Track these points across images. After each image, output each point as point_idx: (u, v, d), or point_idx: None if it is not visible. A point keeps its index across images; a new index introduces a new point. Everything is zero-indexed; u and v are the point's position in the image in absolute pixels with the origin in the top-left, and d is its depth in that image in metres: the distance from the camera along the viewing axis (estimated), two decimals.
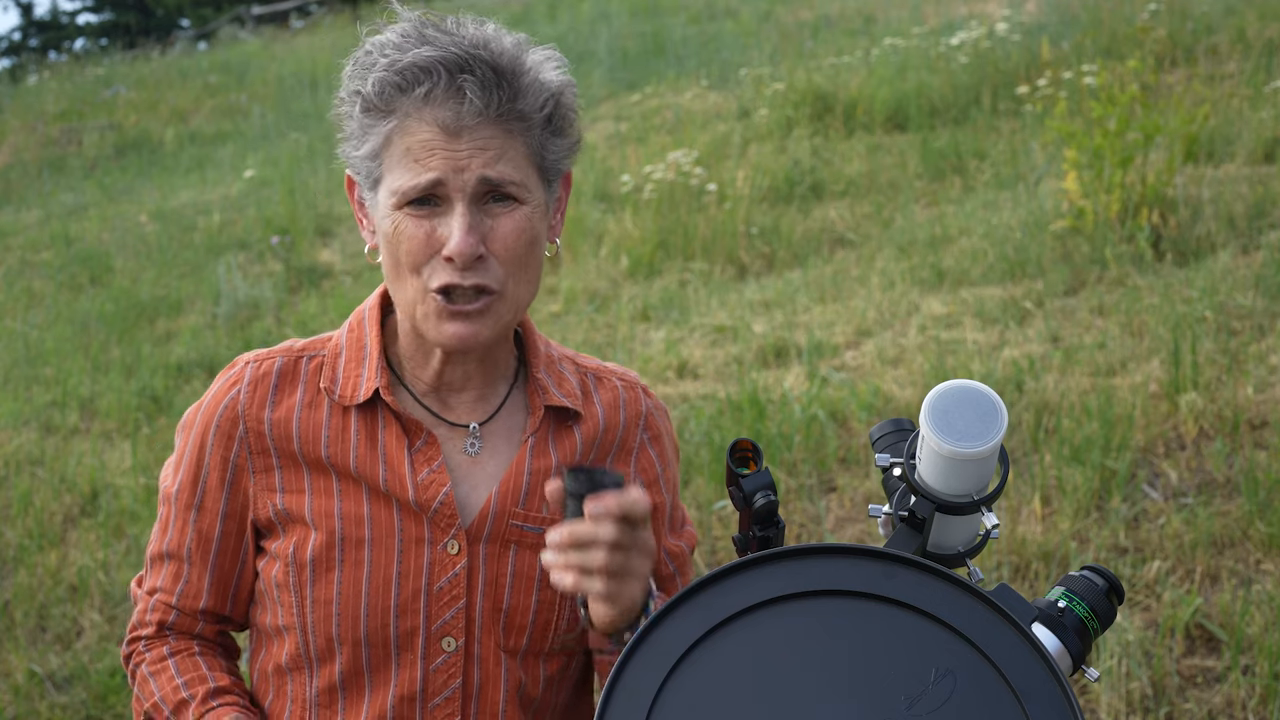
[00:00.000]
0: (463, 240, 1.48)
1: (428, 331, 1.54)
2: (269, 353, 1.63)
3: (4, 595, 4.49)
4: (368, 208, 1.58)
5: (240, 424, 1.59)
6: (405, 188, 1.49)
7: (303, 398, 1.60)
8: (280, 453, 1.58)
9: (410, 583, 1.56)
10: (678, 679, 1.20)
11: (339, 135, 1.58)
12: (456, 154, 1.48)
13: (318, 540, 1.56)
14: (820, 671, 1.20)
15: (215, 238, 9.09)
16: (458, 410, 1.63)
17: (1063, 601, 1.34)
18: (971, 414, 1.30)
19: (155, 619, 1.64)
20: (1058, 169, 6.76)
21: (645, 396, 1.73)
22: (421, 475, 1.57)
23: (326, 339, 1.65)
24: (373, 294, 1.68)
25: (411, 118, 1.49)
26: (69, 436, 5.90)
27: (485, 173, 1.49)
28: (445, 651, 1.57)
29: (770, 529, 1.45)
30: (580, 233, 7.55)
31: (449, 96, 1.48)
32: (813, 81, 9.20)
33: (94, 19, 27.70)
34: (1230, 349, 4.61)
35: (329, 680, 1.58)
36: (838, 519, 4.17)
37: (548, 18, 15.56)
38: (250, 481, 1.59)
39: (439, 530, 1.57)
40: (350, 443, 1.58)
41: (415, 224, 1.50)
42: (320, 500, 1.57)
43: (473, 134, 1.48)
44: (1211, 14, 9.02)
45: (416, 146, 1.48)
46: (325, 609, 1.55)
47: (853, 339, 5.53)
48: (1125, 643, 3.36)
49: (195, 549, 1.61)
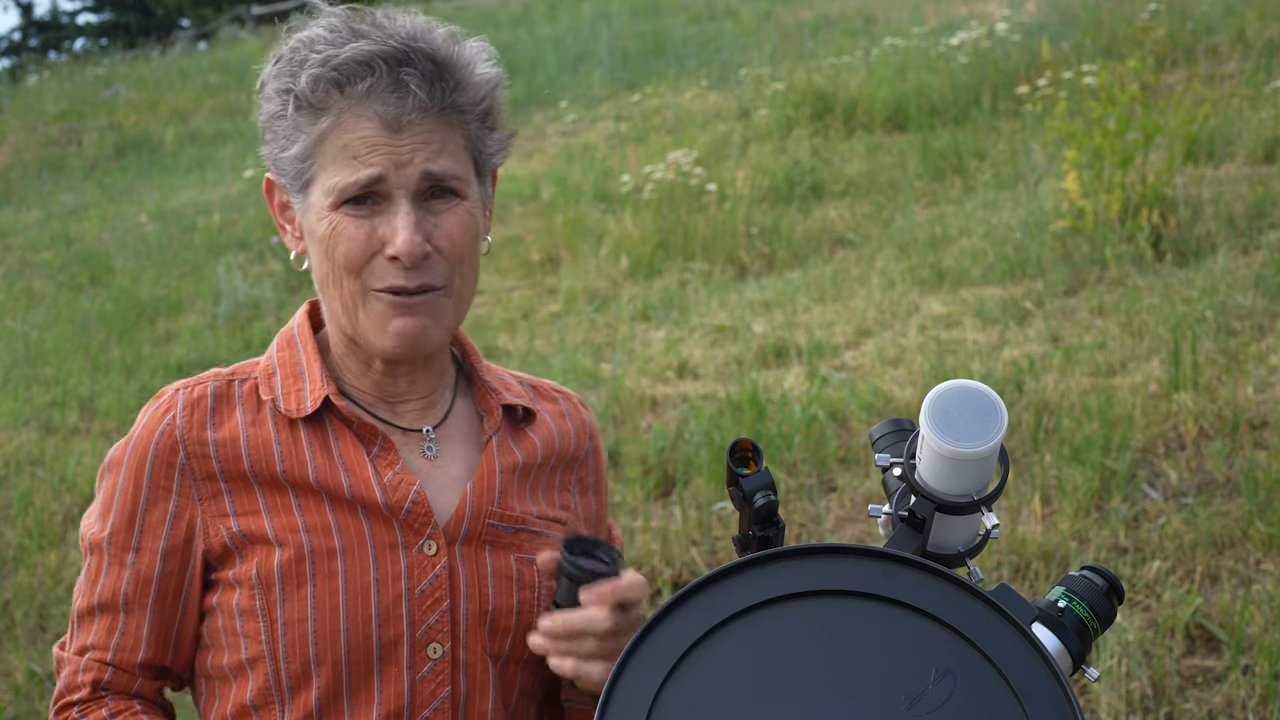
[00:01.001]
0: (409, 239, 1.43)
1: (370, 336, 1.48)
2: (198, 379, 1.54)
3: (4, 595, 4.49)
4: (294, 211, 1.51)
5: (180, 450, 1.48)
6: (344, 185, 1.43)
7: (244, 416, 1.51)
8: (227, 475, 1.49)
9: (389, 588, 1.48)
10: (678, 679, 1.20)
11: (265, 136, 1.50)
12: (398, 149, 1.43)
13: (284, 556, 1.46)
14: (820, 671, 1.20)
15: (215, 238, 9.09)
16: (407, 417, 1.57)
17: (1063, 601, 1.34)
18: (971, 414, 1.30)
19: (89, 679, 1.49)
20: (1058, 169, 6.76)
21: (583, 409, 1.71)
22: (387, 478, 1.51)
23: (254, 363, 1.57)
24: (296, 315, 1.61)
25: (349, 114, 1.43)
26: (69, 436, 5.90)
27: (428, 167, 1.44)
28: (432, 659, 1.49)
29: (770, 529, 1.45)
30: (580, 233, 7.55)
31: (390, 91, 1.42)
32: (813, 81, 9.20)
33: (94, 19, 27.72)
34: (1230, 349, 4.61)
35: (304, 711, 1.47)
36: (838, 519, 4.17)
37: (548, 18, 15.57)
38: (196, 510, 1.48)
39: (412, 533, 1.50)
40: (306, 455, 1.50)
41: (355, 224, 1.44)
42: (280, 517, 1.48)
43: (414, 128, 1.43)
44: (1211, 14, 9.03)
45: (355, 143, 1.43)
46: (300, 628, 1.45)
47: (853, 339, 5.53)
48: (1125, 643, 3.36)
49: (133, 595, 1.49)
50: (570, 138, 10.47)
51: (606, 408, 5.08)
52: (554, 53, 13.14)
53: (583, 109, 11.32)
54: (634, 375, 5.37)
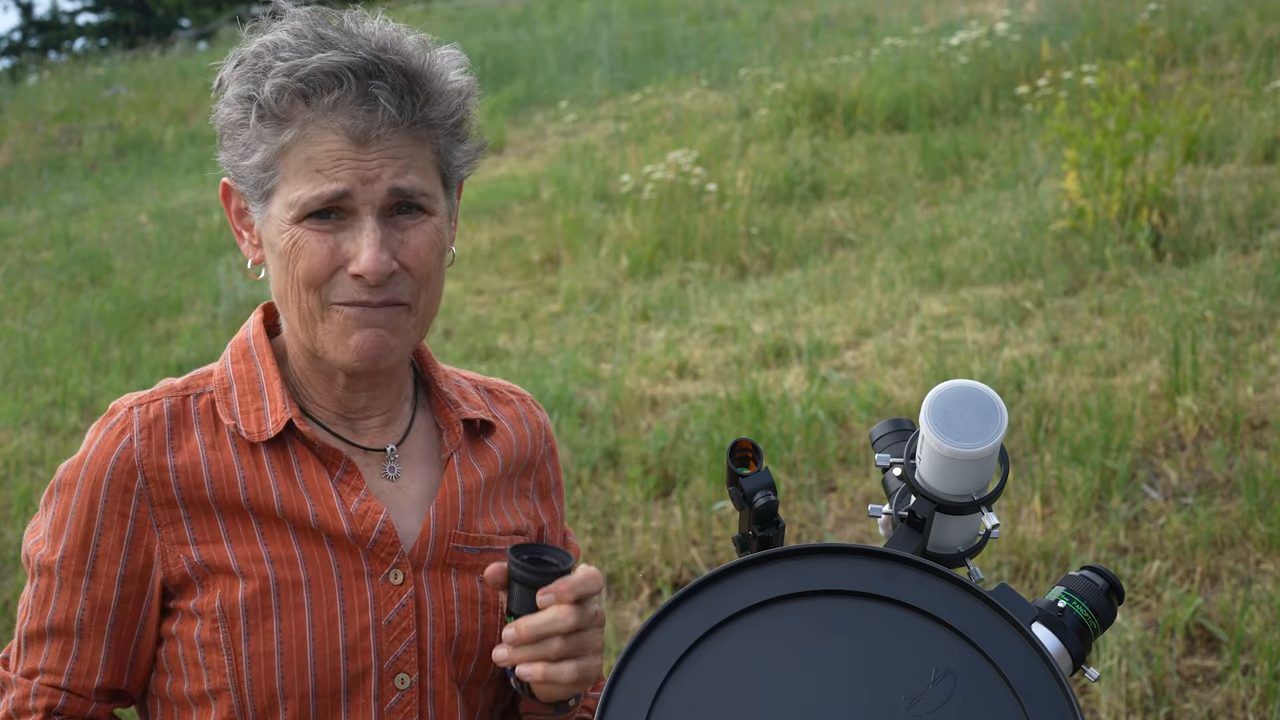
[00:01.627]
0: (374, 257, 1.38)
1: (329, 350, 1.44)
2: (151, 394, 1.48)
3: (4, 595, 4.49)
4: (251, 218, 1.46)
5: (138, 475, 1.43)
6: (307, 199, 1.38)
7: (203, 439, 1.46)
8: (187, 501, 1.44)
9: (356, 620, 1.45)
10: (678, 679, 1.20)
11: (222, 141, 1.46)
12: (365, 164, 1.38)
13: (249, 589, 1.42)
14: (820, 671, 1.20)
15: (215, 238, 9.09)
16: (368, 435, 1.53)
17: (1063, 601, 1.34)
18: (971, 414, 1.30)
19: (42, 704, 1.45)
20: (1058, 169, 6.76)
21: (538, 410, 1.68)
22: (353, 506, 1.47)
23: (207, 374, 1.51)
24: (249, 322, 1.55)
25: (314, 125, 1.38)
26: (69, 436, 5.90)
27: (396, 183, 1.39)
28: (400, 689, 1.47)
29: (770, 529, 1.45)
30: (580, 233, 7.55)
31: (358, 104, 1.37)
32: (813, 81, 9.20)
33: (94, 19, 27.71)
34: (1230, 349, 4.61)
35: None
36: (838, 519, 4.17)
37: (548, 18, 15.57)
38: (155, 537, 1.43)
39: (378, 561, 1.47)
40: (269, 481, 1.45)
41: (318, 239, 1.39)
42: (242, 546, 1.44)
43: (382, 143, 1.38)
44: (1211, 14, 9.03)
45: (320, 156, 1.38)
46: (266, 662, 1.42)
47: (853, 339, 5.53)
48: (1125, 643, 3.36)
49: (88, 620, 1.44)
50: (570, 138, 10.47)
51: (606, 408, 5.08)
52: (554, 53, 13.14)
53: (583, 109, 11.32)
54: (634, 375, 5.37)
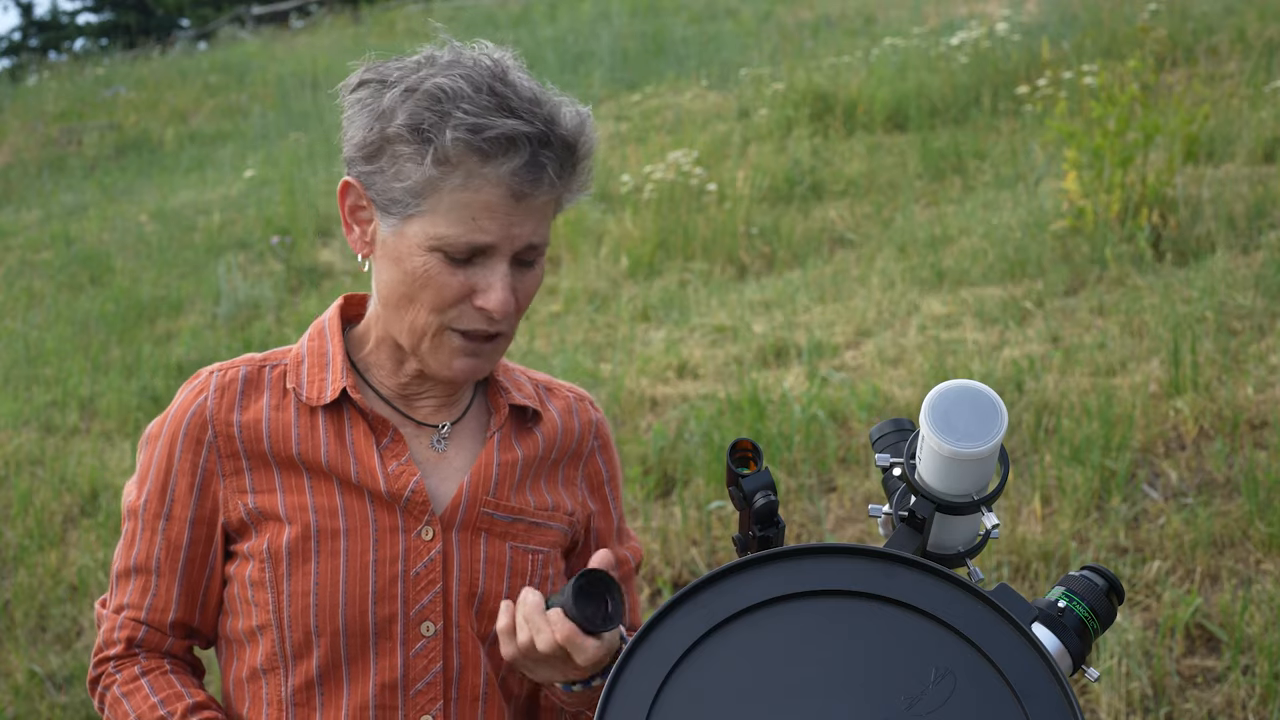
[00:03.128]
0: (504, 299, 1.52)
1: (430, 363, 1.59)
2: (231, 363, 1.66)
3: (4, 595, 4.49)
4: (370, 217, 1.56)
5: (209, 429, 1.61)
6: (455, 240, 1.50)
7: (269, 401, 1.63)
8: (249, 454, 1.61)
9: (386, 569, 1.59)
10: (678, 679, 1.20)
11: (367, 154, 1.52)
12: (515, 220, 1.51)
13: (292, 533, 1.58)
14: (820, 671, 1.20)
15: (215, 238, 9.09)
16: (423, 412, 1.68)
17: (1063, 601, 1.34)
18: (971, 414, 1.30)
19: (124, 636, 1.64)
20: (1058, 169, 6.76)
21: (593, 409, 1.80)
22: (391, 468, 1.61)
23: (285, 351, 1.68)
24: (330, 308, 1.71)
25: (481, 178, 1.48)
26: (69, 436, 5.90)
27: (534, 240, 1.53)
28: (425, 636, 1.60)
29: (770, 529, 1.45)
30: (580, 233, 7.55)
31: (528, 170, 1.49)
32: (813, 81, 9.20)
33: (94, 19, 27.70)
34: (1230, 349, 4.61)
35: (305, 677, 1.59)
36: (838, 519, 4.17)
37: (548, 18, 15.56)
38: (220, 485, 1.61)
39: (412, 519, 1.61)
40: (320, 440, 1.62)
41: (450, 271, 1.52)
42: (292, 496, 1.60)
43: (532, 203, 1.51)
44: (1211, 14, 9.02)
45: (478, 205, 1.49)
46: (303, 600, 1.57)
47: (853, 339, 5.53)
48: (1125, 643, 3.36)
49: (164, 559, 1.62)
50: None
51: (607, 408, 5.09)
52: (554, 53, 13.13)
53: None
54: (634, 375, 5.37)
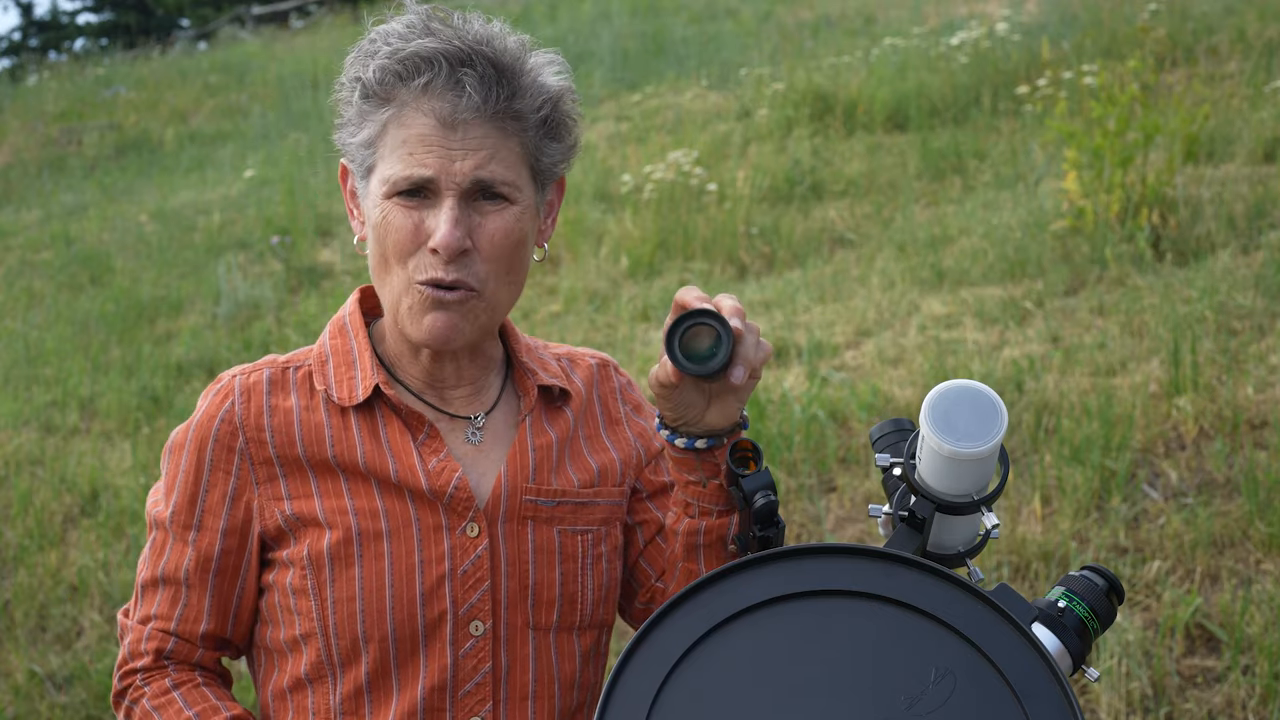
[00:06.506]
0: (449, 233, 1.49)
1: (407, 325, 1.55)
2: (255, 366, 1.63)
3: (4, 595, 4.49)
4: (359, 197, 1.59)
5: (240, 435, 1.57)
6: (397, 177, 1.51)
7: (298, 403, 1.59)
8: (283, 460, 1.57)
9: (433, 569, 1.55)
10: (678, 679, 1.20)
11: (337, 122, 1.59)
12: (450, 150, 1.50)
13: (334, 538, 1.54)
14: (820, 671, 1.20)
15: (215, 238, 9.08)
16: (455, 404, 1.64)
17: (1063, 601, 1.34)
18: (971, 414, 1.30)
19: (152, 648, 1.59)
20: (1058, 169, 6.76)
21: (616, 373, 1.79)
22: (431, 464, 1.58)
23: (307, 352, 1.65)
24: (347, 302, 1.69)
25: (409, 108, 1.51)
26: (69, 436, 5.90)
27: (479, 174, 1.51)
28: (474, 636, 1.57)
29: (770, 529, 1.45)
30: (580, 233, 7.55)
31: (448, 89, 1.50)
32: (813, 81, 9.20)
33: (94, 19, 27.68)
34: (1230, 349, 4.61)
35: (354, 684, 1.55)
36: (838, 519, 4.17)
37: (548, 18, 15.55)
38: (254, 494, 1.57)
39: (455, 516, 1.57)
40: (355, 440, 1.58)
41: (404, 214, 1.52)
42: (330, 500, 1.56)
43: (468, 130, 1.50)
44: (1211, 14, 9.02)
45: (413, 139, 1.50)
46: (349, 607, 1.54)
47: (853, 339, 5.53)
48: (1125, 643, 3.36)
49: (194, 570, 1.58)
50: None
51: None
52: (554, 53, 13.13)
53: (583, 109, 11.26)
54: (634, 375, 5.37)
